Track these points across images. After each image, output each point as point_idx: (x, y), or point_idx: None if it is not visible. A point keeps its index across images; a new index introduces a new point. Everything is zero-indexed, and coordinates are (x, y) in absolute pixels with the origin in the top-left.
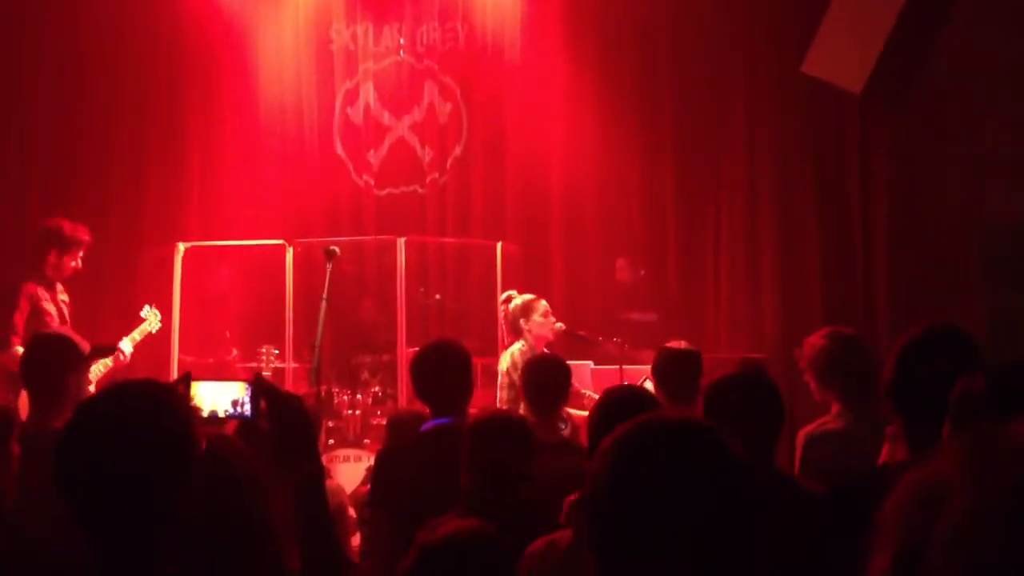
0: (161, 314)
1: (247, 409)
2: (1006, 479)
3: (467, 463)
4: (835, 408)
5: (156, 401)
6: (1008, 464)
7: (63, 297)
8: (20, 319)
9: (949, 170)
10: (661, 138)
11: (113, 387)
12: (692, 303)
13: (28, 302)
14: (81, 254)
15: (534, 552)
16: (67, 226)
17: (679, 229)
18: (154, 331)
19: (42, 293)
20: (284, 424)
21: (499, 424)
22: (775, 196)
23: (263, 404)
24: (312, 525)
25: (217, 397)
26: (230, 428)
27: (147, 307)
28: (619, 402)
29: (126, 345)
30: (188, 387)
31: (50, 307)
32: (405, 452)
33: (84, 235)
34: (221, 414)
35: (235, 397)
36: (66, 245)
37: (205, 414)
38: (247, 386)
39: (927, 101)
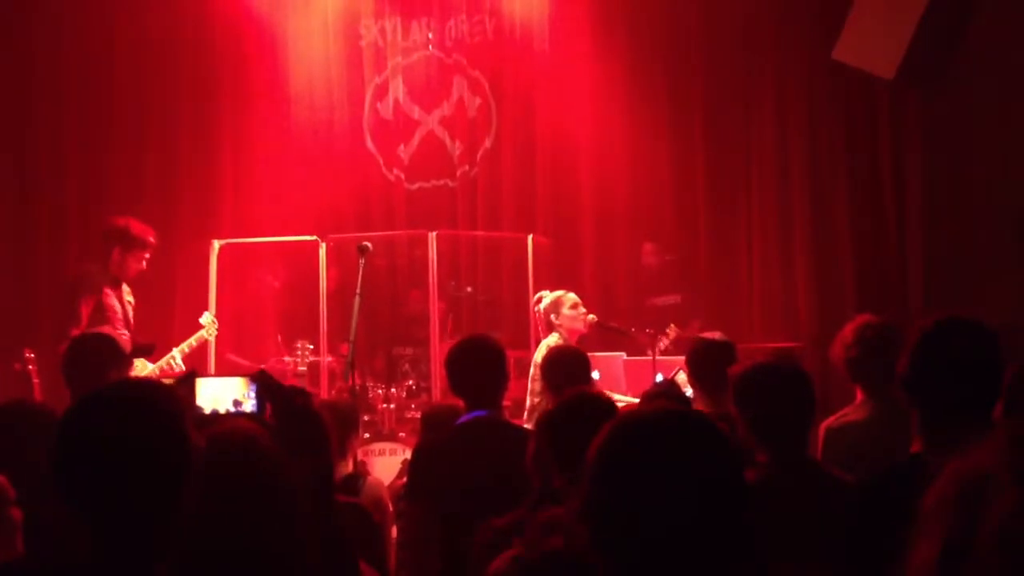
0: (198, 310)
1: (248, 407)
2: None
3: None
4: (859, 398)
5: (149, 400)
6: None
7: (128, 298)
8: (85, 311)
9: (981, 152)
10: (691, 126)
11: (111, 385)
12: (725, 291)
13: (93, 296)
14: (147, 256)
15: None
16: (134, 226)
17: (710, 217)
18: (211, 339)
19: (107, 289)
20: (288, 420)
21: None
22: (807, 181)
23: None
24: (317, 514)
25: (219, 395)
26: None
27: (207, 314)
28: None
29: (177, 355)
30: (192, 385)
31: (115, 304)
32: (440, 445)
33: (150, 237)
34: (222, 412)
35: (236, 395)
36: (130, 245)
37: (207, 411)
38: (249, 383)
39: (958, 83)
